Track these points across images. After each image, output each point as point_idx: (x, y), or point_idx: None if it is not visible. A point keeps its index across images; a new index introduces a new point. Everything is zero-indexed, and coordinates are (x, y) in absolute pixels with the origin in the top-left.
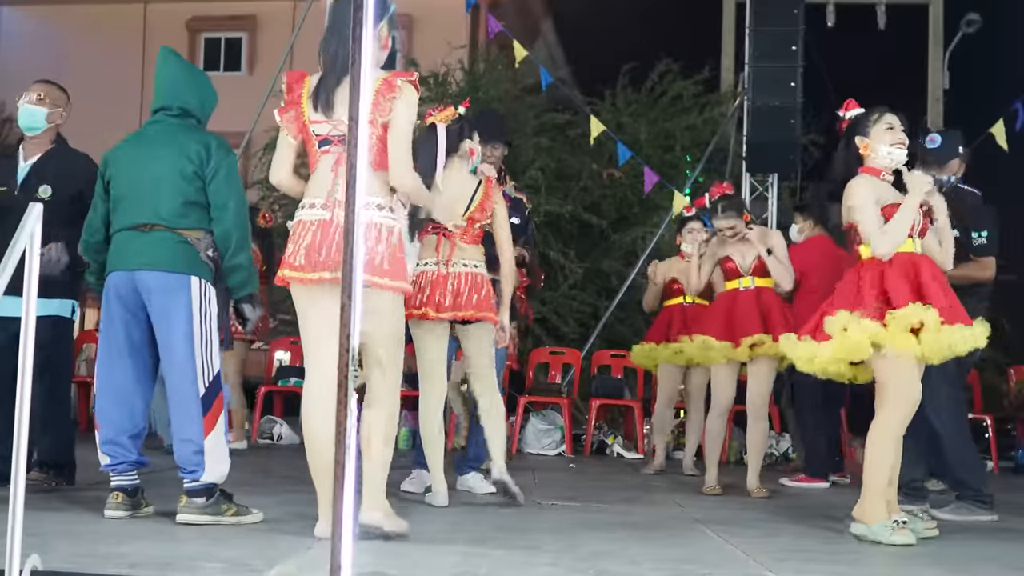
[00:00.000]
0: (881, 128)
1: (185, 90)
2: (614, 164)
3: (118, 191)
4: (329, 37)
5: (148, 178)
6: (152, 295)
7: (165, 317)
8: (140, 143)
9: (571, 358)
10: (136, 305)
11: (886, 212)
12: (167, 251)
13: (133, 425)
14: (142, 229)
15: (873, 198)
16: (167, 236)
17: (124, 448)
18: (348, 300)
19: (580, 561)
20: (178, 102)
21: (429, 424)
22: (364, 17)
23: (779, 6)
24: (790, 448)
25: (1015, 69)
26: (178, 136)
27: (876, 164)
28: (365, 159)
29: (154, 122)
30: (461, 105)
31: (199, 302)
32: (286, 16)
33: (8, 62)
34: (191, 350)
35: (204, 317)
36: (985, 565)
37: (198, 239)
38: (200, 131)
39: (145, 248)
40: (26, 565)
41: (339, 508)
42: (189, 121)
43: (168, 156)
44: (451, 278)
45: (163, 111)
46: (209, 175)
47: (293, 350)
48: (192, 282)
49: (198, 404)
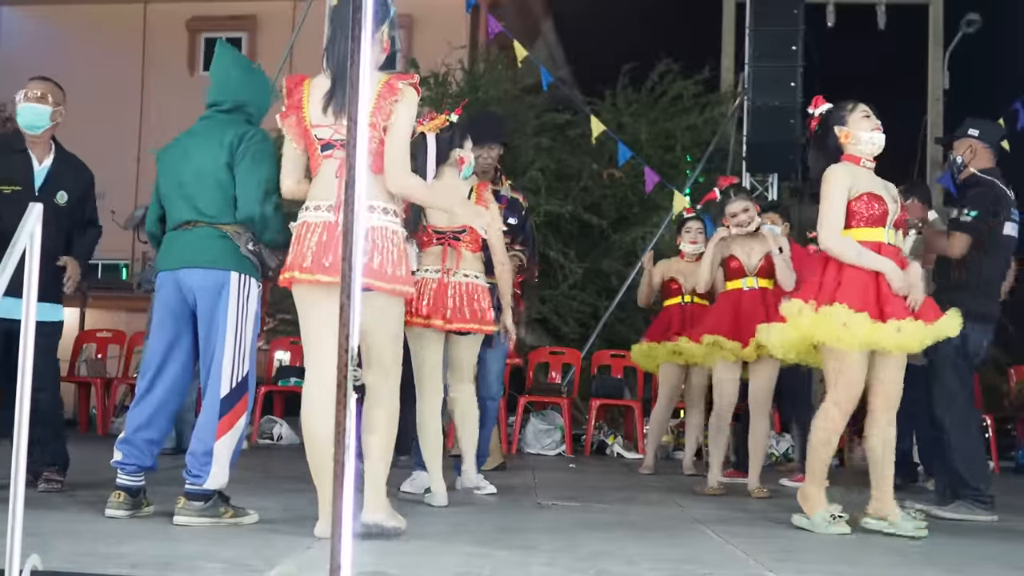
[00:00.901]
0: (858, 116)
1: (238, 85)
2: (614, 164)
3: (164, 189)
4: (334, 42)
5: (190, 174)
6: (196, 294)
7: (207, 315)
8: (186, 139)
9: (571, 358)
10: (181, 305)
11: (859, 201)
12: (208, 248)
13: (155, 430)
14: (186, 227)
15: (847, 185)
16: (208, 232)
17: (139, 450)
18: (347, 300)
19: (580, 561)
20: (231, 97)
21: (428, 426)
22: (363, 17)
23: (779, 6)
24: (790, 448)
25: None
26: (221, 130)
27: (857, 151)
28: (365, 161)
29: (204, 118)
30: (453, 112)
31: (237, 300)
32: (286, 16)
33: (8, 62)
34: (223, 349)
35: (241, 316)
36: (985, 565)
37: (238, 233)
38: (245, 124)
39: (187, 246)
40: (26, 565)
41: (339, 508)
42: (239, 116)
43: (208, 150)
44: (451, 287)
45: (215, 107)
46: (236, 160)
47: (293, 350)
48: (231, 278)
49: (218, 405)
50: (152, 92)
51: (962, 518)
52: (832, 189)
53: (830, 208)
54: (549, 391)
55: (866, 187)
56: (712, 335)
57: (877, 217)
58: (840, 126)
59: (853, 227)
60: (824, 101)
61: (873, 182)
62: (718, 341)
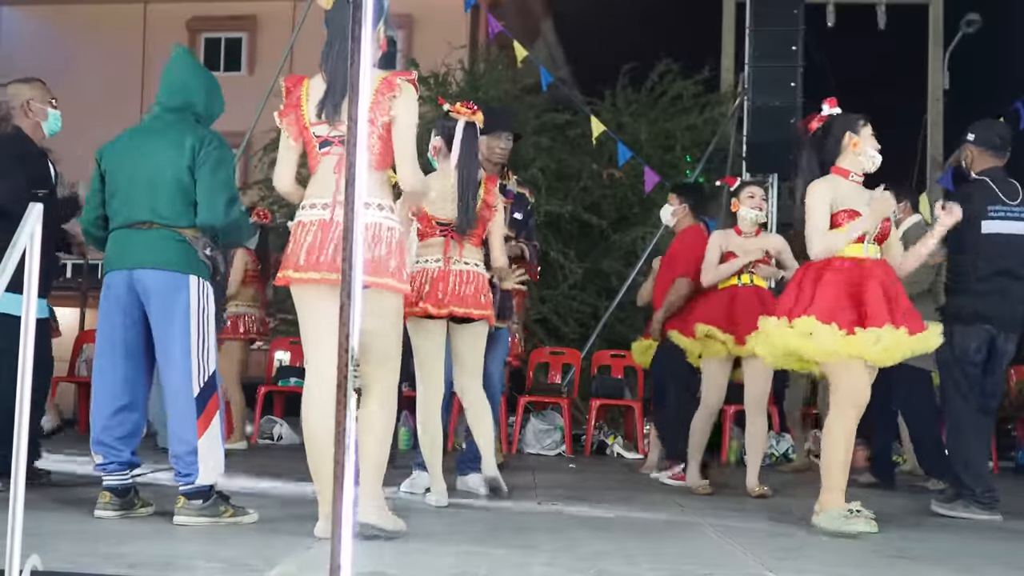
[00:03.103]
0: (868, 132)
1: (191, 87)
2: (614, 164)
3: (114, 186)
4: (331, 46)
5: (145, 174)
6: (151, 295)
7: (164, 317)
8: (137, 137)
9: (571, 358)
10: (133, 305)
11: (840, 215)
12: (166, 250)
13: (124, 426)
14: (140, 227)
15: (828, 200)
16: (166, 235)
17: (114, 448)
18: (348, 300)
19: (579, 561)
20: (181, 97)
21: (428, 424)
22: (363, 17)
23: (779, 6)
24: (790, 448)
25: (1015, 69)
26: (175, 131)
27: (854, 165)
28: (365, 159)
29: (153, 117)
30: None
31: (197, 301)
32: (286, 16)
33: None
34: (188, 350)
35: (202, 317)
36: (987, 565)
37: (196, 237)
38: (198, 126)
39: (143, 247)
40: (26, 565)
41: (339, 508)
42: (187, 116)
43: (166, 152)
44: (452, 275)
45: (161, 106)
46: (197, 165)
47: (293, 350)
48: (191, 281)
49: (192, 405)
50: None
51: (959, 515)
52: (815, 205)
53: (813, 223)
54: (549, 391)
55: (849, 202)
56: (705, 325)
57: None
58: (852, 132)
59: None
60: (837, 104)
61: (857, 196)
62: (710, 331)
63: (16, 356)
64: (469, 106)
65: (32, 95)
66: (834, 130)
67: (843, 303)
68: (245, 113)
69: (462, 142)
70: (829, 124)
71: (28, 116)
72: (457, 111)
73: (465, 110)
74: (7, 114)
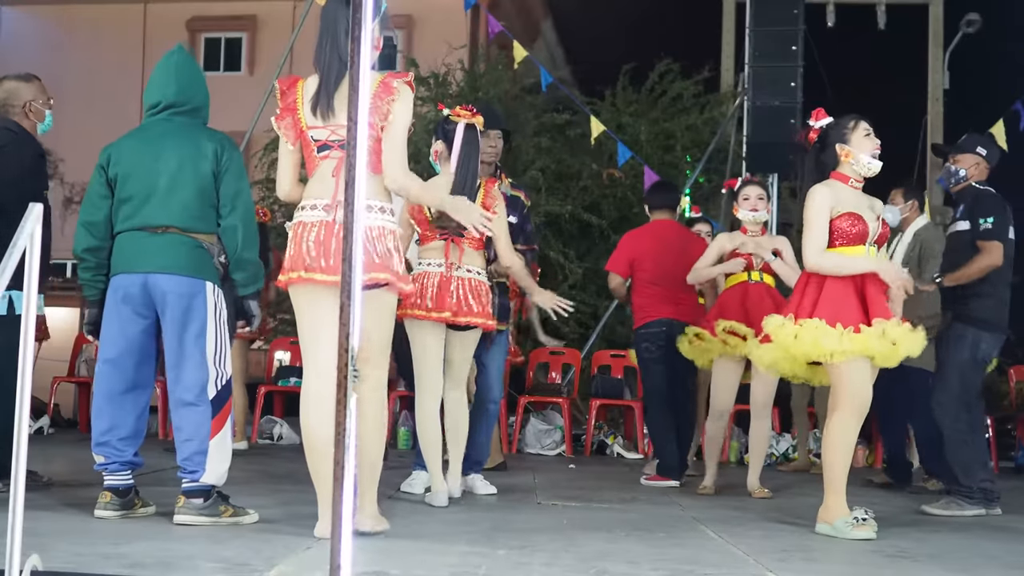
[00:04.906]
0: (860, 135)
1: (201, 89)
2: (614, 164)
3: (128, 190)
4: (322, 42)
5: (164, 178)
6: (167, 299)
7: (181, 322)
8: (150, 140)
9: (571, 358)
10: (146, 308)
11: (841, 219)
12: (183, 255)
13: (126, 427)
14: (154, 231)
15: (829, 205)
16: (182, 240)
17: (115, 449)
18: (348, 300)
19: (580, 561)
20: (192, 99)
21: (427, 424)
22: (363, 17)
23: (779, 6)
24: (790, 448)
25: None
26: (191, 134)
27: (853, 172)
28: (364, 161)
29: (163, 119)
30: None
31: (214, 307)
32: (286, 16)
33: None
34: (205, 355)
35: (219, 321)
36: (986, 564)
37: (211, 244)
38: (211, 130)
39: (159, 251)
40: (26, 565)
41: (339, 508)
42: (198, 119)
43: (187, 156)
44: (455, 282)
45: (171, 108)
46: (222, 171)
47: (293, 350)
48: (207, 287)
49: (208, 407)
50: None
51: (951, 514)
52: (814, 215)
53: (813, 229)
54: (549, 391)
55: (849, 206)
56: (727, 321)
57: (857, 236)
58: (841, 143)
59: (835, 246)
60: (825, 114)
61: (857, 201)
62: (734, 327)
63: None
64: (469, 109)
65: (33, 96)
66: (828, 141)
67: (849, 302)
68: (245, 113)
69: (463, 144)
70: (824, 135)
71: (28, 117)
72: (457, 114)
73: (465, 113)
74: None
